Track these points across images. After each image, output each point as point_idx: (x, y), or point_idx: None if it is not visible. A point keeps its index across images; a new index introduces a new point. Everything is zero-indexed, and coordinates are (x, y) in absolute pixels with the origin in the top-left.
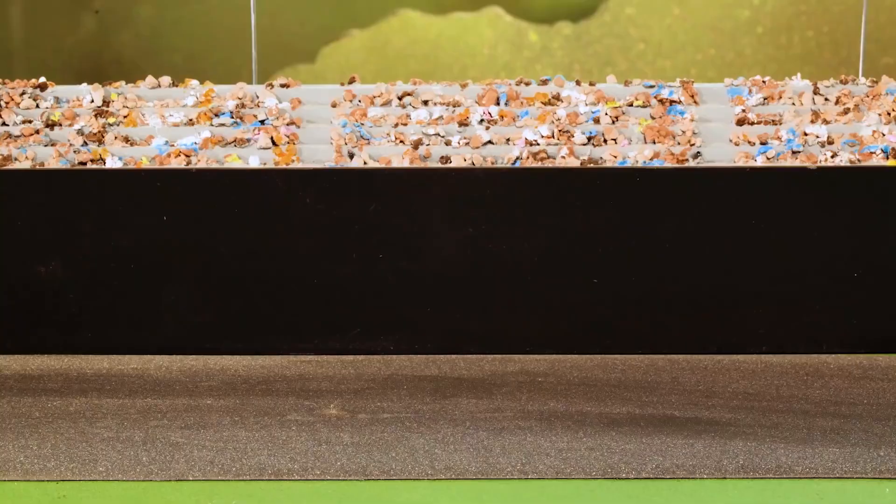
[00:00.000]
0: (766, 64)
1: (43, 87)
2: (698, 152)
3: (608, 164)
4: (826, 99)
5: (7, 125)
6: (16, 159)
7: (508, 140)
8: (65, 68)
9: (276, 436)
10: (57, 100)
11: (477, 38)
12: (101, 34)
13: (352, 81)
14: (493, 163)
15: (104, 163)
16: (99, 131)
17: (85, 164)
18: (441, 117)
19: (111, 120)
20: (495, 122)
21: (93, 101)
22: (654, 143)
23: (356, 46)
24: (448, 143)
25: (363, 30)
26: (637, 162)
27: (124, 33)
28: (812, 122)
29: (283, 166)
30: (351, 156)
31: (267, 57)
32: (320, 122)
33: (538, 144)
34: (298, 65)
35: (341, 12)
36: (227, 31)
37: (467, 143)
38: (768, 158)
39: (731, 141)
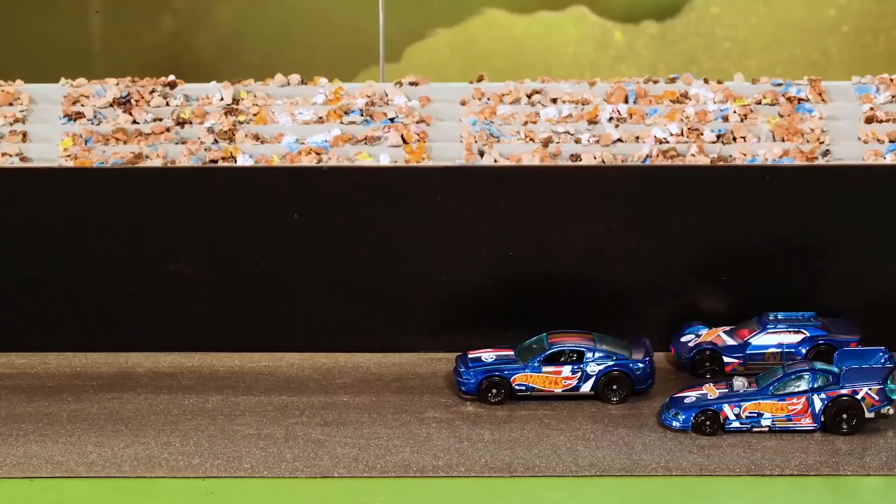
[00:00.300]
0: (851, 63)
1: (173, 85)
2: (827, 150)
3: (738, 162)
4: None
5: (138, 123)
6: (147, 157)
7: (638, 138)
8: (144, 68)
9: (416, 433)
10: (187, 97)
11: (562, 37)
12: (179, 35)
13: (480, 79)
14: (623, 161)
15: (235, 160)
16: (230, 129)
17: (216, 161)
18: (570, 115)
19: (241, 118)
20: (624, 120)
21: (222, 99)
22: (784, 140)
23: (441, 45)
24: (578, 141)
25: (448, 29)
26: (766, 160)
27: (203, 34)
28: None
29: (414, 164)
30: (481, 153)
31: (351, 56)
32: (449, 119)
33: (667, 142)
34: (384, 64)
35: (426, 12)
36: (303, 32)
37: (597, 141)
38: None
39: (859, 139)
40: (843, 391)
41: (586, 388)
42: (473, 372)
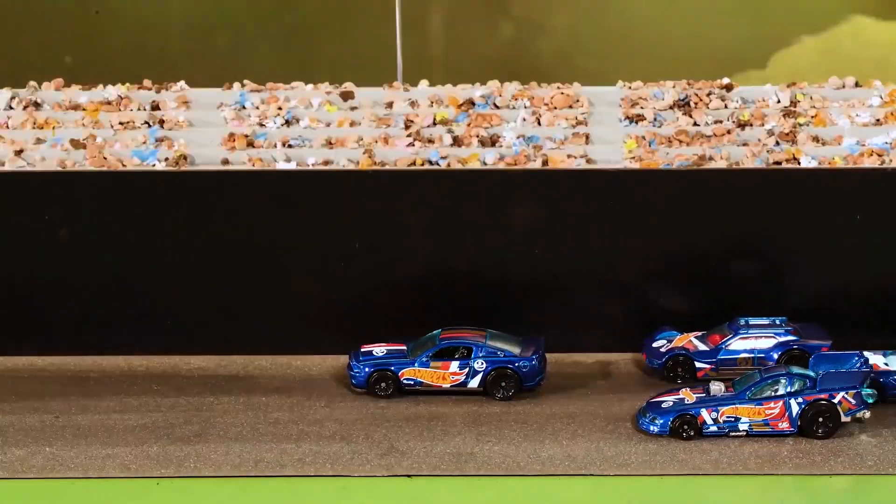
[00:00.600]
0: None
1: (729, 88)
2: None
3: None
4: None
5: (698, 125)
6: (711, 158)
7: None
8: (483, 74)
9: None
10: (743, 100)
11: None
12: (518, 41)
13: None
14: None
15: (798, 162)
16: (790, 131)
17: (779, 163)
18: None
19: (801, 120)
20: None
21: (779, 102)
22: None
23: (806, 51)
24: None
25: (814, 35)
26: None
27: (541, 40)
28: None
29: None
30: None
31: (690, 62)
32: None
33: None
34: (749, 70)
35: (793, 19)
36: (641, 38)
37: None
38: None
39: None
40: (820, 395)
41: (474, 383)
42: (363, 365)
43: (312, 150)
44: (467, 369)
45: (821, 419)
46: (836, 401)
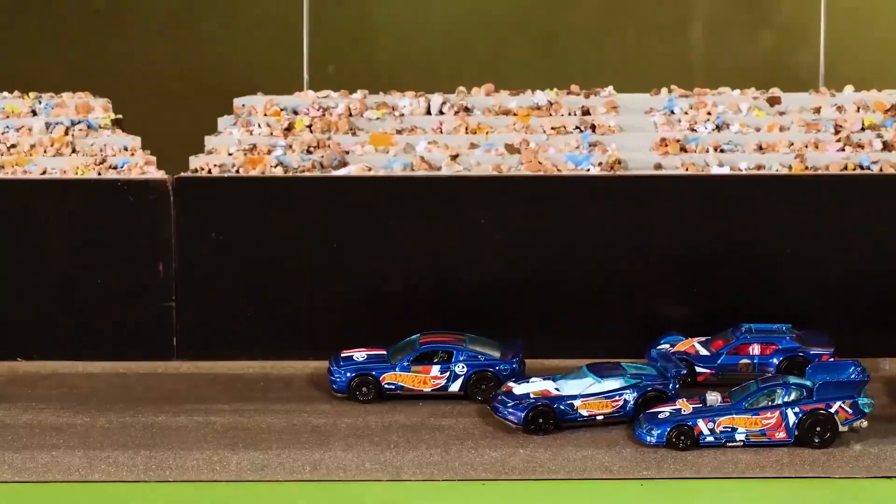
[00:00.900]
0: None
1: None
2: None
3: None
4: None
5: None
6: None
7: None
8: (742, 81)
9: None
10: None
11: None
12: (778, 49)
13: None
14: None
15: None
16: None
17: None
18: None
19: None
20: None
21: None
22: None
23: None
24: None
25: None
26: None
27: (801, 51)
28: None
29: None
30: None
31: None
32: None
33: None
34: None
35: None
36: None
37: None
38: None
39: None
40: (817, 405)
41: (455, 387)
42: (344, 370)
43: (744, 155)
44: (448, 373)
45: (818, 429)
46: (832, 410)
